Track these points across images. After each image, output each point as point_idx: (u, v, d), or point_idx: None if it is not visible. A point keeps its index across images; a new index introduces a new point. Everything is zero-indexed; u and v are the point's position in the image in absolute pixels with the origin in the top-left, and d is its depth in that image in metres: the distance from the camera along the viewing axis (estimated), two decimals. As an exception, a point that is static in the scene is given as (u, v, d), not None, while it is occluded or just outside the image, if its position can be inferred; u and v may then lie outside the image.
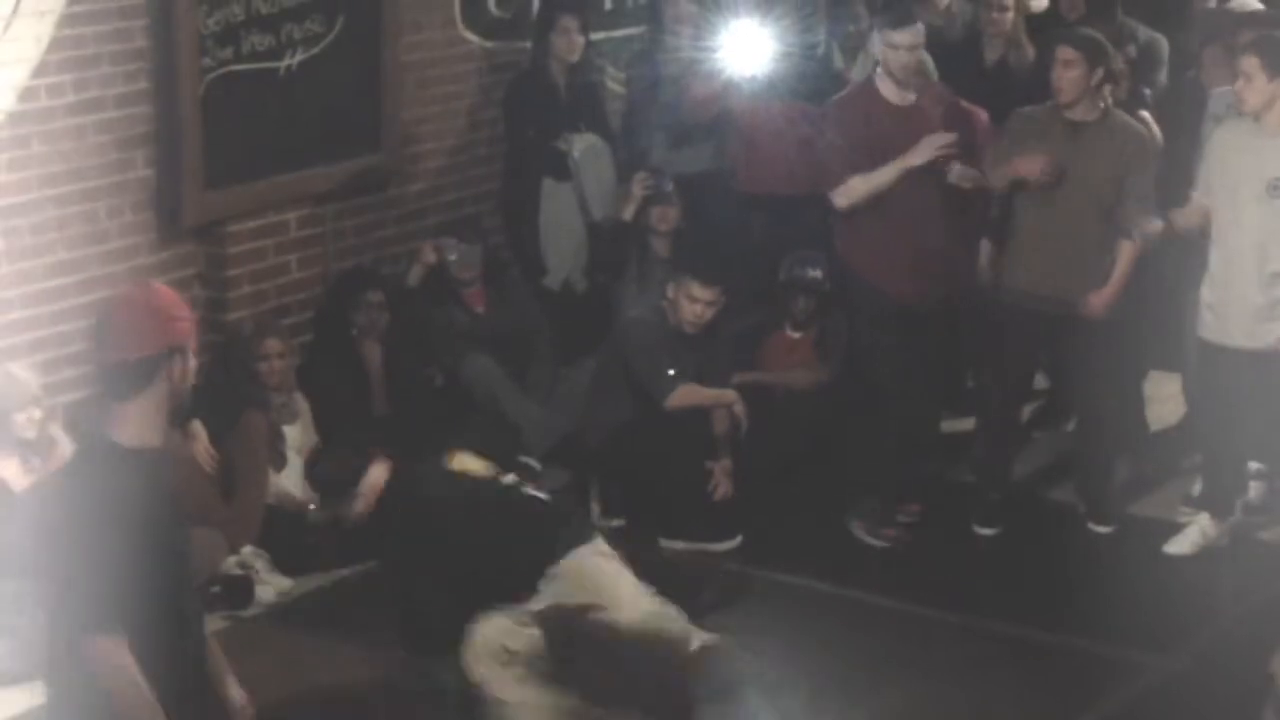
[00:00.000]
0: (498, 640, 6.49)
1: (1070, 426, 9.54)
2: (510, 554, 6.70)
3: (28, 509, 7.51)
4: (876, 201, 8.56)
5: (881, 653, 7.66)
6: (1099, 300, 8.41)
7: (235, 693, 5.01)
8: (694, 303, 8.74)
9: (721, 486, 8.74)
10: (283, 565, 8.35)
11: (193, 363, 4.77)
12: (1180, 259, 8.75)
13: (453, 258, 9.64)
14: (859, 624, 7.97)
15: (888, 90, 8.64)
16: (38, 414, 7.65)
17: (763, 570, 8.41)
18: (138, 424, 4.65)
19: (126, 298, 4.86)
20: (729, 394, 8.91)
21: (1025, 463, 9.26)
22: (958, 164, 8.47)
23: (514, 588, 6.61)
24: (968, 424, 9.51)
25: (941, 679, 7.42)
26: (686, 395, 8.80)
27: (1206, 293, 8.30)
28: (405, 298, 9.58)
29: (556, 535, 6.79)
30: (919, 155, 8.47)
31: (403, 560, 6.71)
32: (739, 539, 8.68)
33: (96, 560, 4.51)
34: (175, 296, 4.85)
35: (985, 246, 8.74)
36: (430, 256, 9.65)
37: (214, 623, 7.92)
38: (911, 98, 8.67)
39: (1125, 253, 8.43)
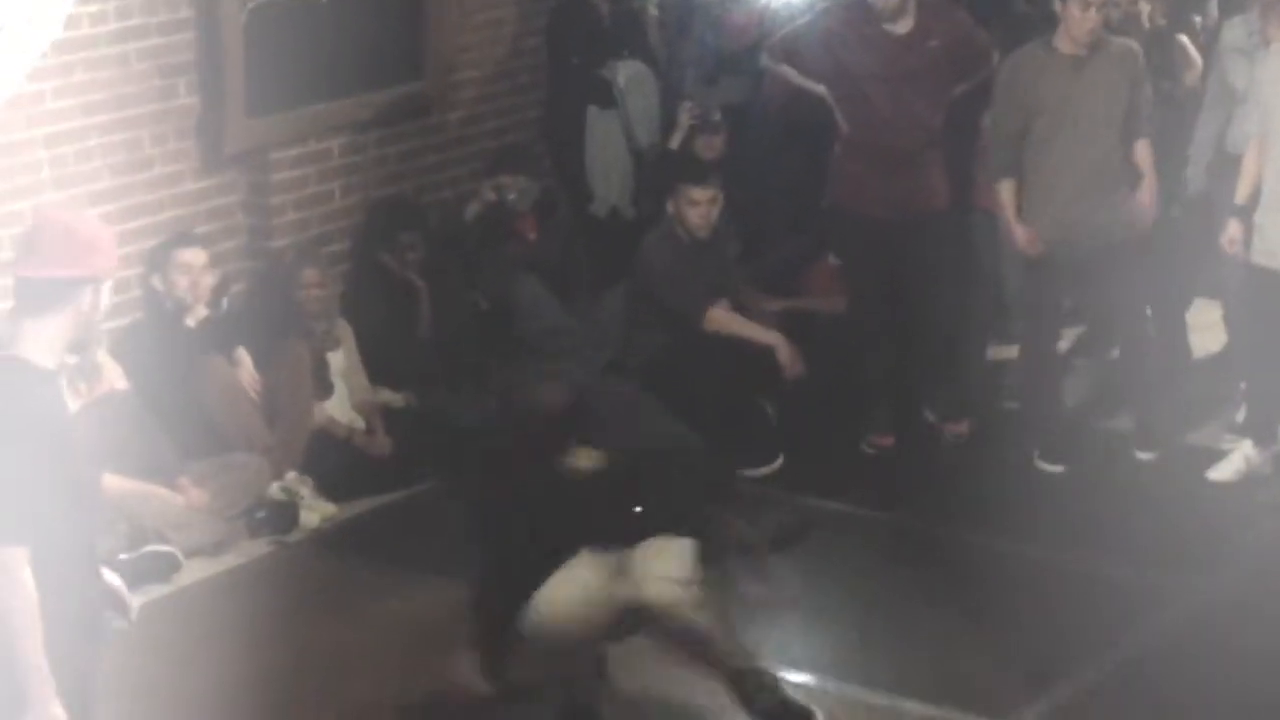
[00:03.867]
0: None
1: (1114, 354, 9.51)
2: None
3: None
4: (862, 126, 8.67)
5: (921, 579, 7.66)
6: (1147, 198, 8.38)
7: (111, 580, 4.96)
8: (695, 206, 8.77)
9: (792, 366, 8.77)
10: (327, 491, 8.40)
11: (106, 301, 4.73)
12: (1219, 186, 8.71)
13: (511, 197, 9.66)
14: (898, 550, 7.98)
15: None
16: (80, 340, 7.68)
17: (802, 496, 8.42)
18: (44, 343, 4.63)
19: (56, 218, 4.82)
20: (772, 335, 8.86)
21: (1069, 391, 9.23)
22: None
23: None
24: (1012, 351, 9.52)
25: (981, 604, 7.43)
26: (723, 321, 8.78)
27: (1259, 217, 8.26)
28: (458, 230, 9.61)
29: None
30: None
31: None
32: (779, 462, 8.68)
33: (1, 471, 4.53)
34: (106, 231, 4.84)
35: (1005, 190, 8.64)
36: (490, 195, 9.68)
37: (258, 548, 8.04)
38: (908, 24, 8.64)
39: (1144, 150, 8.40)
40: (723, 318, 8.80)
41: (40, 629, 4.51)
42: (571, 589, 6.14)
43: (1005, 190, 8.52)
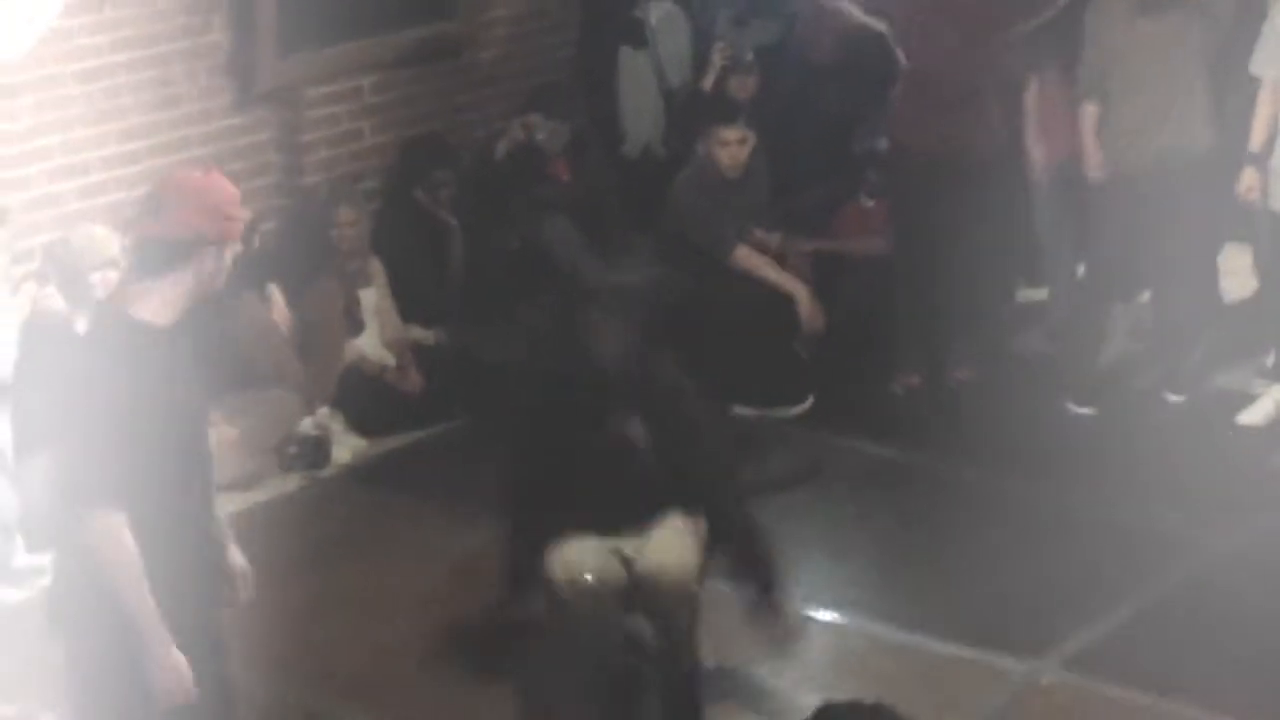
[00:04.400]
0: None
1: (1145, 298, 9.49)
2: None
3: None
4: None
5: (948, 520, 7.68)
6: (1260, 136, 8.36)
7: (237, 560, 5.02)
8: (725, 146, 8.74)
9: (812, 320, 8.76)
10: (358, 427, 8.44)
11: (227, 264, 4.74)
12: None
13: (540, 136, 9.65)
14: (925, 491, 7.98)
15: None
16: (114, 275, 7.71)
17: (832, 435, 8.44)
18: (159, 303, 4.64)
19: (187, 178, 4.85)
20: (796, 286, 8.84)
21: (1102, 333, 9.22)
22: None
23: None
24: (1042, 294, 9.52)
25: (1008, 545, 7.44)
26: (750, 261, 8.77)
27: (1275, 162, 8.24)
28: (489, 169, 9.61)
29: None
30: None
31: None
32: (809, 402, 8.70)
33: (103, 434, 4.53)
34: (235, 196, 4.81)
35: (1088, 113, 8.61)
36: (519, 134, 9.67)
37: (290, 483, 8.08)
38: None
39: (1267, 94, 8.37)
40: (750, 258, 8.79)
41: (145, 585, 4.55)
42: (588, 545, 6.10)
43: (1088, 114, 8.51)
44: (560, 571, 6.01)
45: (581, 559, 6.03)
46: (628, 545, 6.10)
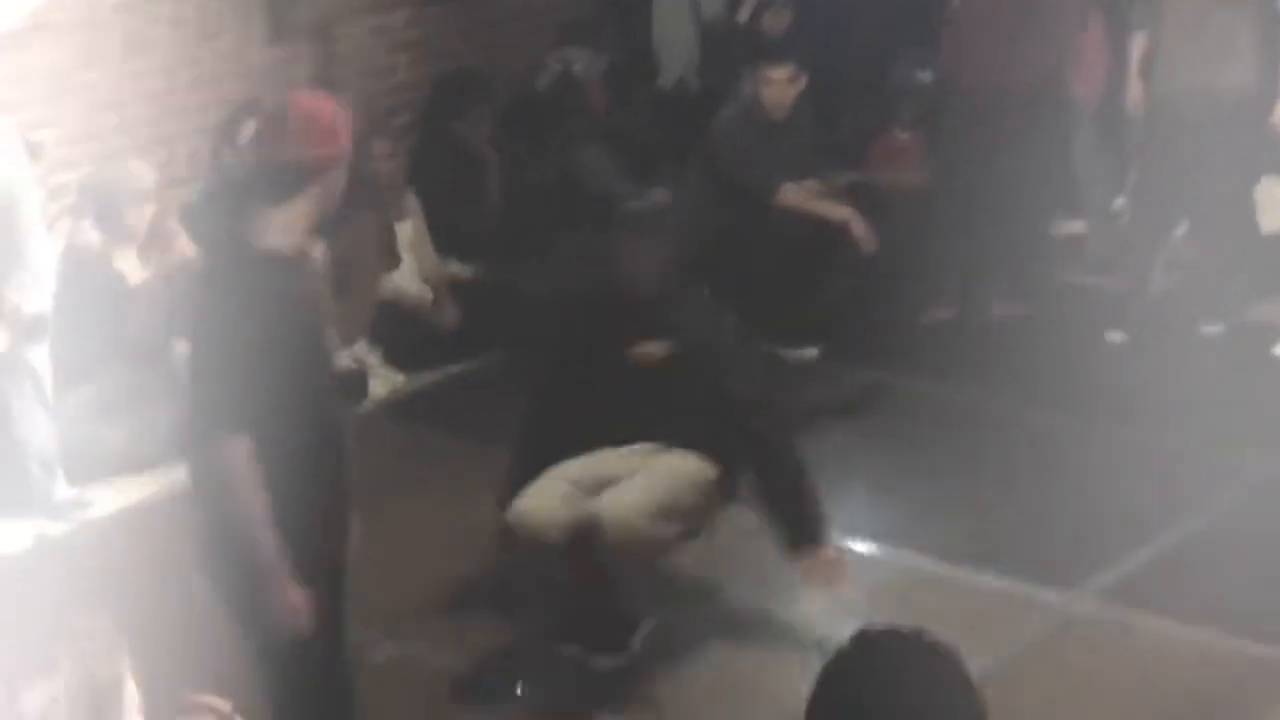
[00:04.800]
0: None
1: (1181, 230, 9.46)
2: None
3: (144, 301, 7.64)
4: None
5: (985, 451, 7.69)
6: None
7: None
8: (771, 85, 8.66)
9: (867, 241, 8.72)
10: (395, 361, 8.46)
11: (342, 182, 4.74)
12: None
13: (578, 68, 9.64)
14: (961, 423, 7.98)
15: None
16: (150, 209, 7.74)
17: (866, 370, 8.44)
18: (281, 229, 4.64)
19: (299, 102, 4.83)
20: (844, 211, 8.82)
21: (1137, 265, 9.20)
22: None
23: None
24: (1079, 227, 9.50)
25: (1045, 476, 7.45)
26: (795, 198, 8.74)
27: None
28: (528, 102, 9.60)
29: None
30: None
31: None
32: (815, 351, 8.68)
33: (228, 360, 4.54)
34: (344, 115, 4.78)
35: (1138, 43, 8.57)
36: (557, 67, 9.66)
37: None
38: None
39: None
40: (795, 194, 8.76)
41: (268, 515, 4.55)
42: (554, 487, 6.04)
43: (1137, 44, 8.47)
44: (519, 506, 6.00)
45: (534, 502, 6.00)
46: (595, 484, 6.03)
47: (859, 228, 8.73)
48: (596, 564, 5.96)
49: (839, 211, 8.81)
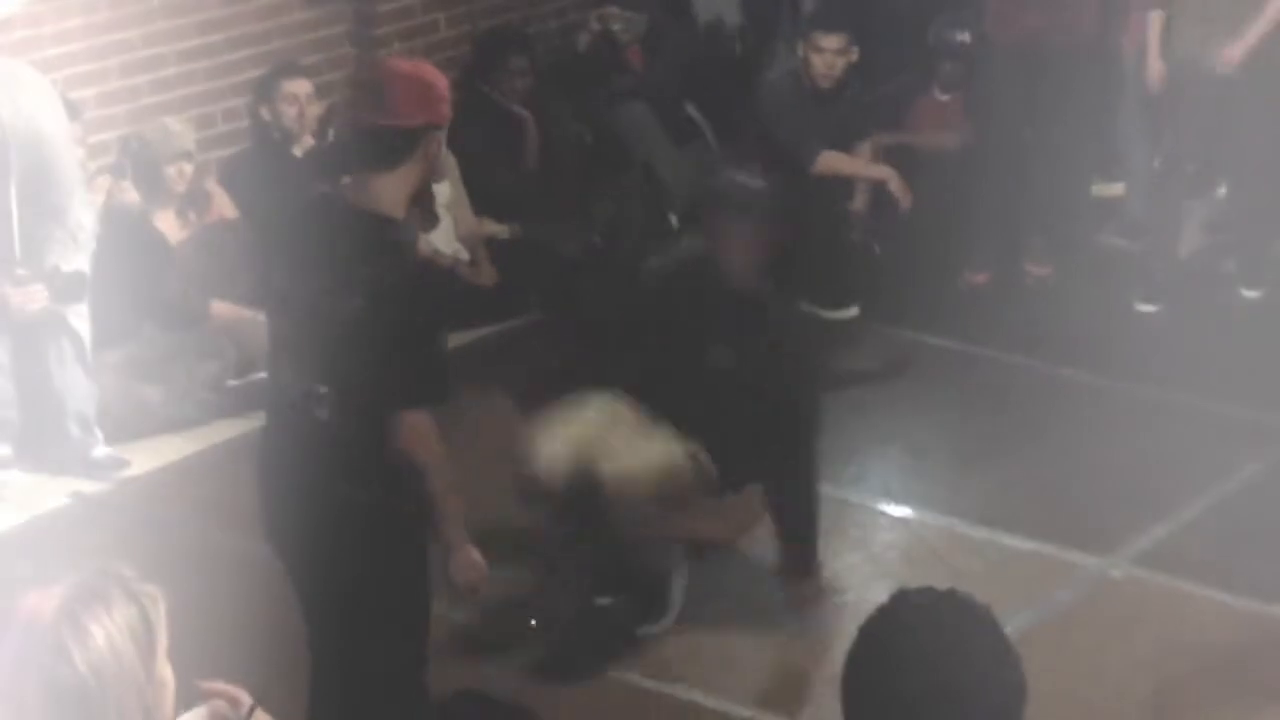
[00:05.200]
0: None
1: (1220, 192, 9.42)
2: None
3: (183, 261, 7.67)
4: None
5: (1020, 415, 7.68)
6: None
7: None
8: (821, 54, 8.56)
9: (905, 197, 8.71)
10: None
11: (441, 148, 4.73)
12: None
13: (616, 27, 9.63)
14: (999, 384, 7.98)
15: None
16: (189, 168, 7.76)
17: (903, 330, 8.43)
18: (395, 193, 4.63)
19: (402, 66, 4.86)
20: (883, 170, 8.80)
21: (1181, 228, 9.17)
22: None
23: None
24: (1118, 188, 9.46)
25: (1081, 440, 7.44)
26: (834, 162, 8.71)
27: None
28: (566, 61, 9.60)
29: None
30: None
31: None
32: (855, 310, 8.64)
33: (401, 338, 4.57)
34: (443, 81, 4.77)
35: (1155, 20, 8.53)
36: (596, 25, 9.65)
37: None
38: None
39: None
40: (833, 160, 8.70)
41: (451, 481, 4.69)
42: (563, 431, 6.03)
43: (1155, 21, 8.43)
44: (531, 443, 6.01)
45: (540, 445, 6.00)
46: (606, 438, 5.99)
47: (896, 184, 8.71)
48: (597, 514, 5.94)
49: (878, 171, 8.79)
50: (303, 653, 4.93)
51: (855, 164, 8.78)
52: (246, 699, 3.02)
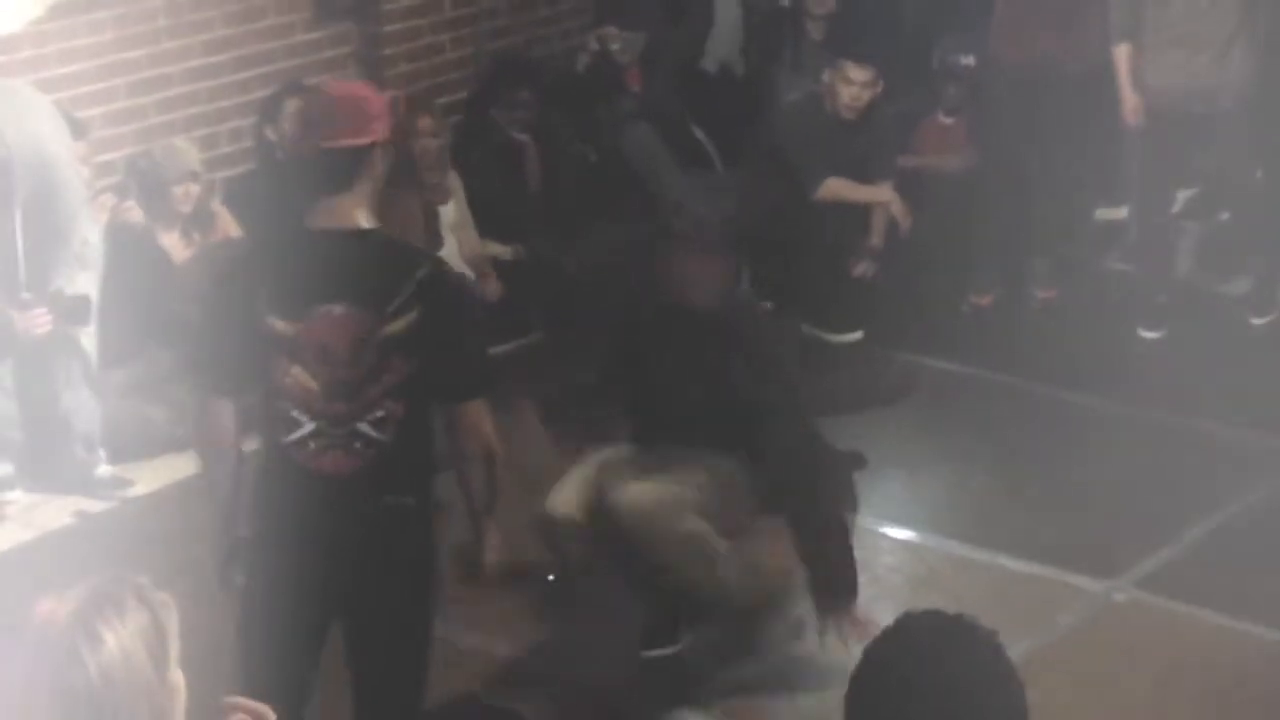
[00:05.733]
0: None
1: (1224, 217, 9.43)
2: None
3: (188, 280, 7.67)
4: None
5: (1022, 438, 7.68)
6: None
7: None
8: (850, 85, 8.59)
9: (862, 266, 8.71)
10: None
11: (389, 161, 4.79)
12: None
13: (615, 47, 9.64)
14: (1003, 407, 7.98)
15: None
16: (195, 188, 7.76)
17: (907, 354, 8.43)
18: (356, 210, 4.69)
19: (340, 89, 4.97)
20: (884, 192, 8.81)
21: (1182, 253, 9.17)
22: None
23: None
24: (1120, 213, 9.47)
25: (1084, 464, 7.44)
26: (836, 188, 8.72)
27: None
28: (568, 82, 9.61)
29: None
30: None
31: None
32: (859, 334, 8.65)
33: (453, 334, 4.77)
34: (383, 99, 4.86)
35: (1121, 53, 8.52)
36: (594, 45, 9.67)
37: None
38: None
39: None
40: (836, 186, 8.71)
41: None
42: (581, 472, 6.03)
43: (1120, 54, 8.42)
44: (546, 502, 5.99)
45: (562, 489, 5.99)
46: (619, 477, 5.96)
47: (898, 207, 8.74)
48: (618, 549, 5.92)
49: (880, 194, 8.80)
50: (307, 670, 4.93)
51: (857, 189, 8.78)
52: (271, 716, 3.03)
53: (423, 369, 4.63)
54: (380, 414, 4.62)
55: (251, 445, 4.88)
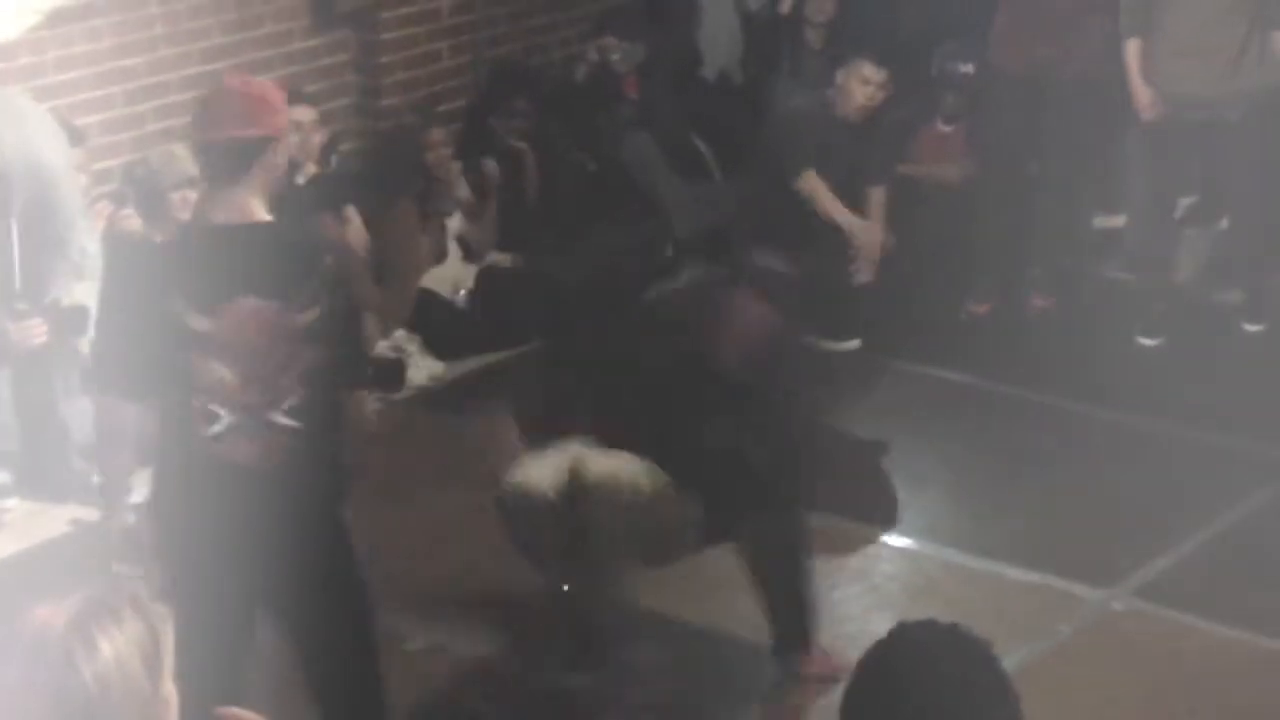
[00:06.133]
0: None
1: (1223, 225, 9.43)
2: None
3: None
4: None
5: (1021, 446, 7.67)
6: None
7: None
8: (866, 85, 8.53)
9: (865, 271, 8.71)
10: (434, 349, 8.47)
11: (285, 157, 4.89)
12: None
13: (615, 57, 9.65)
14: (1000, 415, 7.98)
15: None
16: (193, 195, 7.75)
17: (904, 362, 8.43)
18: (247, 206, 4.76)
19: (236, 83, 4.98)
20: (853, 222, 8.63)
21: (1181, 260, 9.17)
22: None
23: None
24: (1118, 221, 9.46)
25: (1081, 472, 7.44)
26: (814, 185, 8.63)
27: None
28: (567, 92, 9.62)
29: None
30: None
31: None
32: (857, 342, 8.64)
33: (348, 323, 4.94)
34: (275, 89, 4.96)
35: (1131, 49, 8.53)
36: (594, 55, 9.67)
37: (367, 404, 8.10)
38: None
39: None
40: (816, 186, 8.66)
41: None
42: (549, 455, 5.99)
43: (1131, 50, 8.41)
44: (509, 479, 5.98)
45: (528, 467, 5.97)
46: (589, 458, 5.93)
47: (860, 240, 8.64)
48: (584, 527, 5.88)
49: (846, 220, 8.64)
50: (242, 661, 4.96)
51: (829, 200, 8.63)
52: None
53: (328, 357, 4.74)
54: (293, 402, 4.72)
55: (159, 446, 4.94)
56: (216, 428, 4.72)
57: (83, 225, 7.07)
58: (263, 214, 4.77)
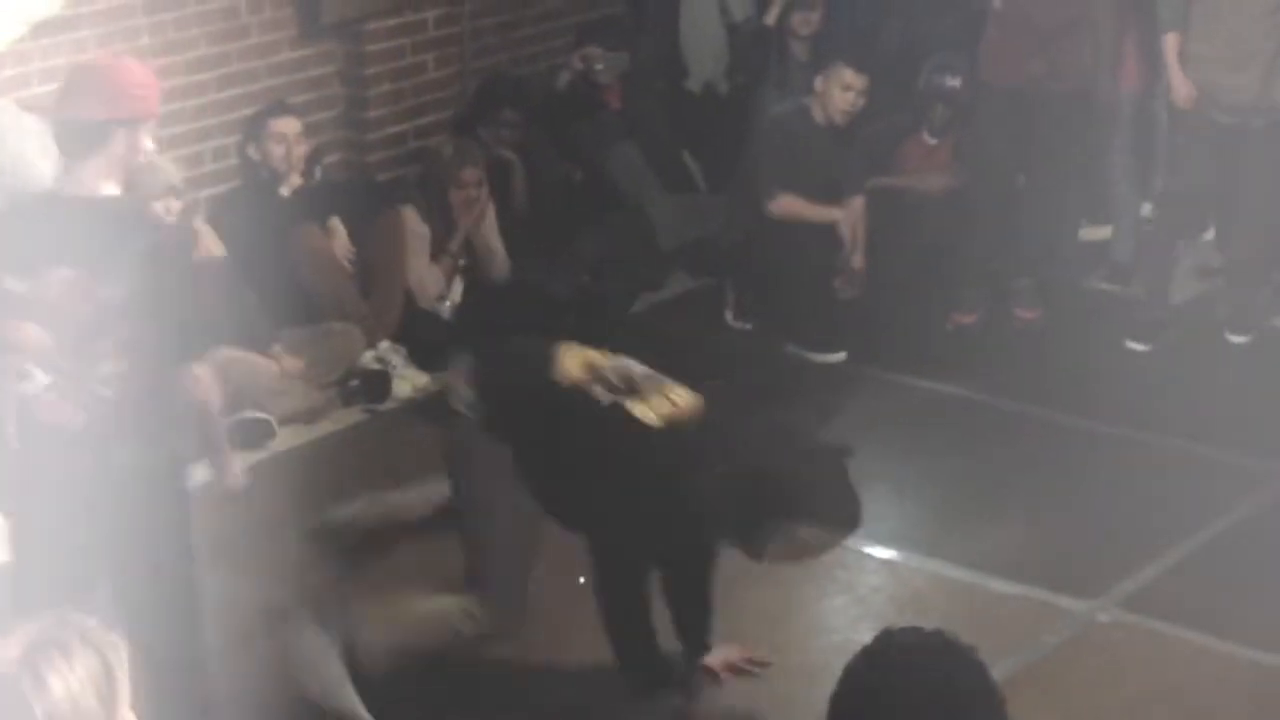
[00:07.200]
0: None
1: (1209, 235, 9.44)
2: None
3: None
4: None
5: (1006, 457, 7.67)
6: None
7: None
8: (846, 90, 8.58)
9: (851, 286, 8.72)
10: (420, 360, 8.45)
11: (147, 142, 4.89)
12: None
13: (599, 66, 9.65)
14: (986, 427, 7.98)
15: None
16: (176, 205, 7.74)
17: (890, 373, 8.43)
18: (82, 182, 4.83)
19: (96, 63, 5.10)
20: (834, 213, 8.77)
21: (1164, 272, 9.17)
22: None
23: None
24: (1104, 232, 9.47)
25: (1067, 483, 7.44)
26: (789, 205, 8.69)
27: None
28: (551, 102, 9.62)
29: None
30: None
31: None
32: (843, 354, 8.64)
33: (181, 294, 5.09)
34: (147, 74, 4.97)
35: (1170, 43, 8.51)
36: (578, 65, 9.68)
37: (351, 416, 8.11)
38: None
39: None
40: (789, 204, 8.69)
41: None
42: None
43: (1170, 44, 8.42)
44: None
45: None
46: None
47: (847, 229, 8.73)
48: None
49: (829, 214, 8.76)
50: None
51: (808, 209, 8.71)
52: None
53: (147, 331, 4.79)
54: (108, 371, 4.78)
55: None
56: (33, 387, 4.78)
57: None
58: (109, 191, 4.81)
